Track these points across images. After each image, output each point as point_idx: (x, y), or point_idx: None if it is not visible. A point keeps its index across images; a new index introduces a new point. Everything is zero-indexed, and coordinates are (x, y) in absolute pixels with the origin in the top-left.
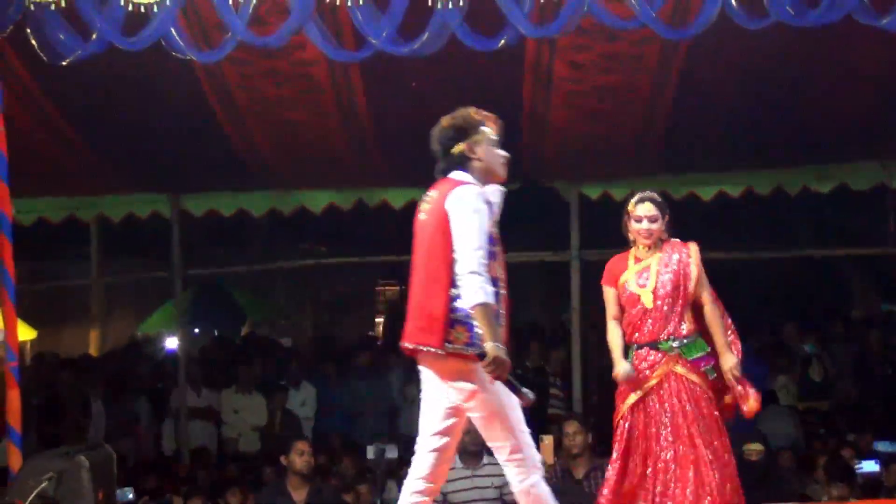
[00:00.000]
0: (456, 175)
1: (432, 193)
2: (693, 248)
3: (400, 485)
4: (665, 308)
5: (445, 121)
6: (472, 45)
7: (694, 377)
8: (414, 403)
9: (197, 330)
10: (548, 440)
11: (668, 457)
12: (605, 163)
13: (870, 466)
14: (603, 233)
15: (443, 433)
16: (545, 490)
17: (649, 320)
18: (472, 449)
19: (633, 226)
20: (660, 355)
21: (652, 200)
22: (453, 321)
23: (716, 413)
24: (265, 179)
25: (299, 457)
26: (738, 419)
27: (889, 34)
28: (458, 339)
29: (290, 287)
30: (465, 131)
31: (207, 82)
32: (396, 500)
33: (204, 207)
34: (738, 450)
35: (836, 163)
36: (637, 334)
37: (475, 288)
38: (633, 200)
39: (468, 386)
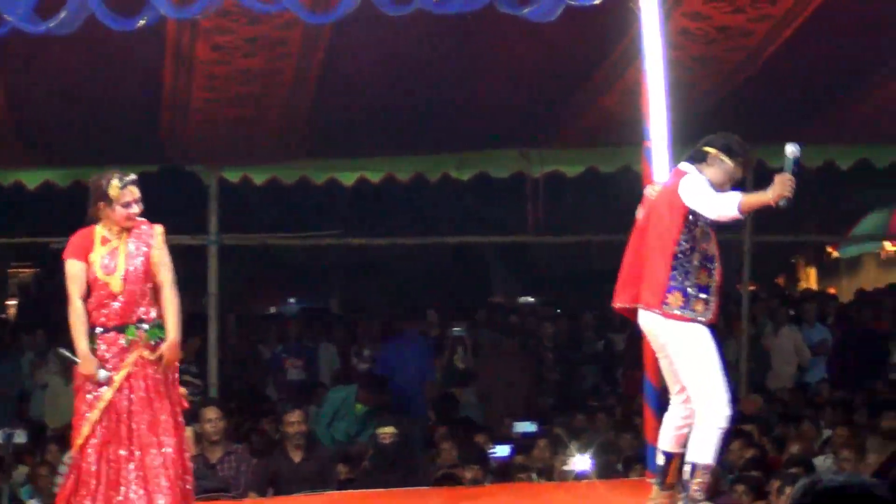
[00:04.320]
0: None
1: None
2: (158, 229)
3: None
4: (136, 292)
5: None
6: (110, 25)
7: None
8: (45, 388)
9: None
10: (188, 431)
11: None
12: (246, 147)
13: (503, 451)
14: (242, 217)
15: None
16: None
17: (117, 304)
18: None
19: (120, 211)
20: (128, 340)
21: (135, 183)
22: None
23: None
24: None
25: None
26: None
27: (529, 24)
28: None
29: None
30: None
31: None
32: (24, 483)
33: None
34: (372, 432)
35: (476, 150)
36: (104, 318)
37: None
38: (115, 185)
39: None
